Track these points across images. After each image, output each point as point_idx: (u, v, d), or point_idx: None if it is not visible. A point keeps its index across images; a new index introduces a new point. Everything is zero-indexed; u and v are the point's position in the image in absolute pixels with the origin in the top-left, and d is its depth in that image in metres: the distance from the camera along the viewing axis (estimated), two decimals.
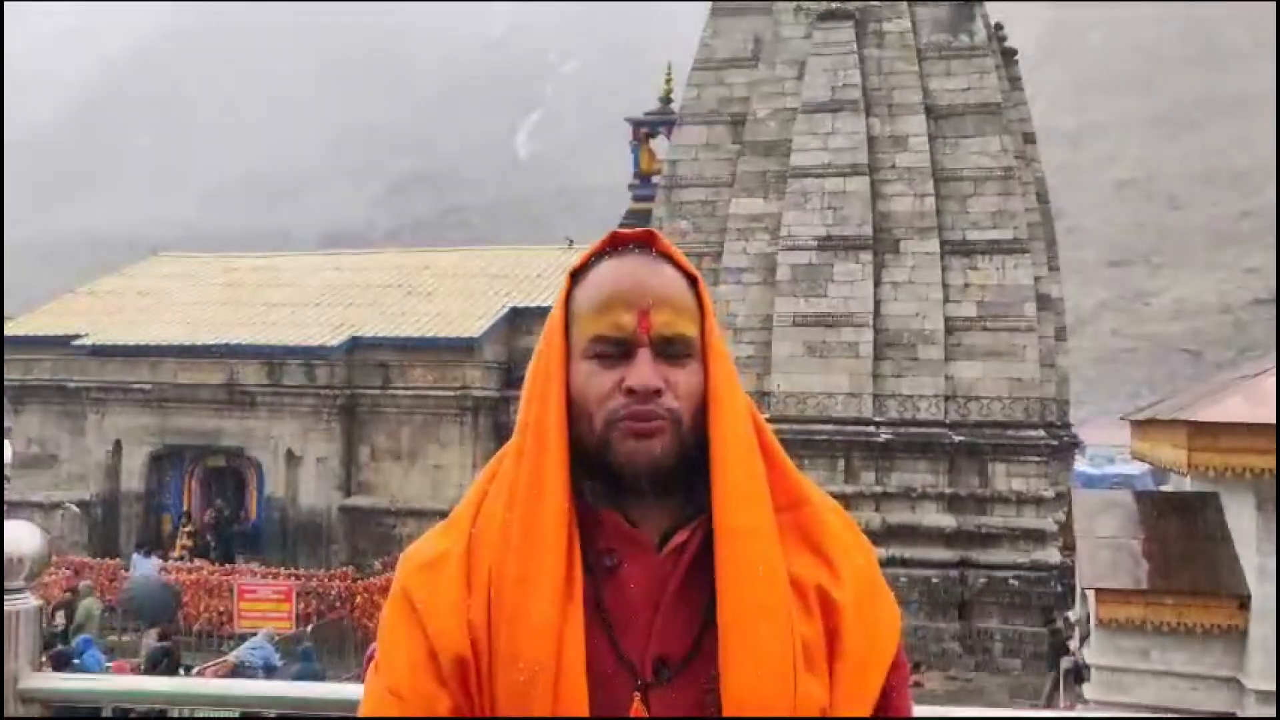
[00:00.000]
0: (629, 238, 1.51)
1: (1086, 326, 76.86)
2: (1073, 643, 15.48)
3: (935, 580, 20.90)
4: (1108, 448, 39.54)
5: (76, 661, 14.45)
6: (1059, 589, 20.49)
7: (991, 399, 21.79)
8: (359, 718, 1.43)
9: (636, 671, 1.37)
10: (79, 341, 27.55)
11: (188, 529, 26.23)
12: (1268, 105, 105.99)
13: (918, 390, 21.90)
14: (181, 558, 24.85)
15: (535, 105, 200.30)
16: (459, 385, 25.42)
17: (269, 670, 15.41)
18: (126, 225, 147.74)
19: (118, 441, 27.00)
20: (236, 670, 15.31)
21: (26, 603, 2.21)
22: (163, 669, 14.67)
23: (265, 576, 22.95)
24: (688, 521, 1.42)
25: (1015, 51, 26.53)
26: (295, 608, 21.39)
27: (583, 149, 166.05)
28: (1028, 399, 21.78)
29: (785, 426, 21.64)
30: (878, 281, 22.20)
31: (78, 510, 27.00)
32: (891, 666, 1.45)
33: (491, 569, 1.38)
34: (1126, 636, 11.49)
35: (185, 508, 27.05)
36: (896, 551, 20.96)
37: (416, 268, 30.46)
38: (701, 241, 23.23)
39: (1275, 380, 10.86)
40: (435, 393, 25.59)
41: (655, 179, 27.17)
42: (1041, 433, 21.89)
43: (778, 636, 1.35)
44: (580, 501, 1.41)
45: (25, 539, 2.21)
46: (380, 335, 26.33)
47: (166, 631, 17.33)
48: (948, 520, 21.34)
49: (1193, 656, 11.31)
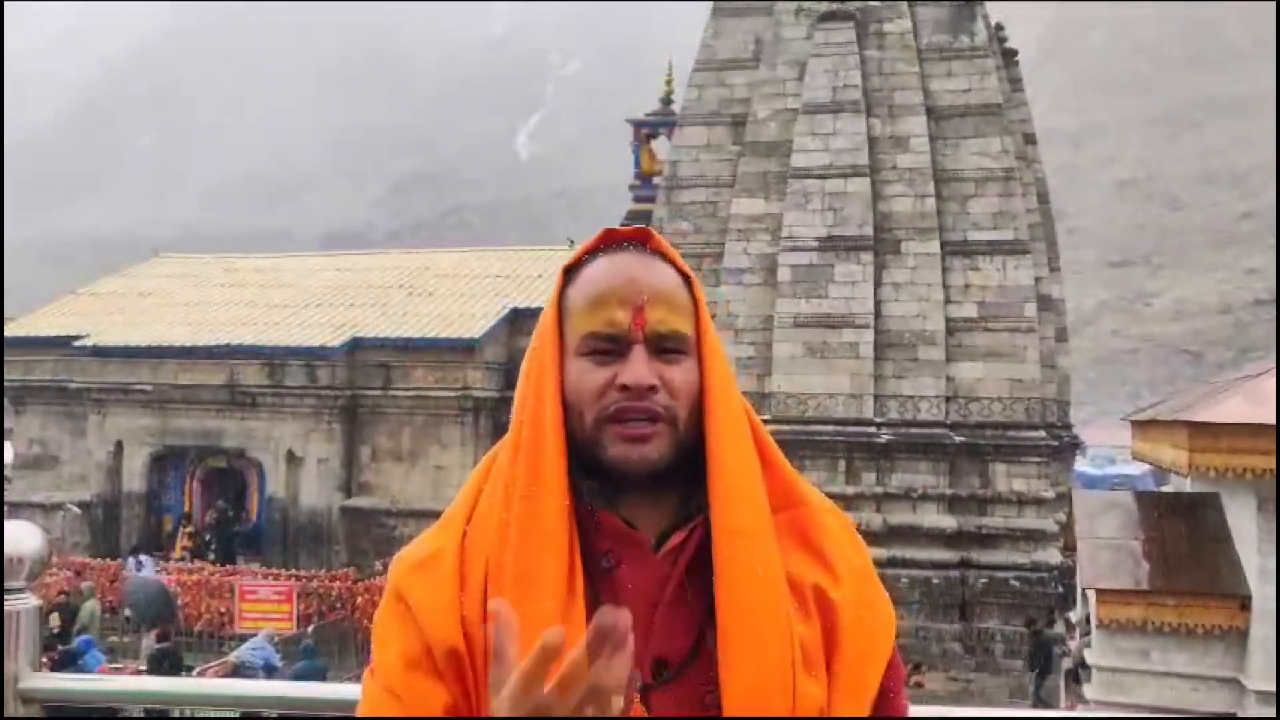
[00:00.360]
0: (623, 235, 1.50)
1: (1087, 327, 76.86)
2: (1073, 642, 15.45)
3: (936, 581, 20.89)
4: (1108, 448, 39.54)
5: (80, 662, 14.47)
6: (1060, 589, 20.49)
7: (992, 400, 21.79)
8: (357, 718, 1.41)
9: (636, 673, 1.35)
10: (80, 342, 27.56)
11: (188, 530, 26.25)
12: (1268, 106, 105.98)
13: (918, 391, 21.89)
14: (182, 558, 24.87)
15: (536, 106, 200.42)
16: (460, 386, 25.42)
17: (269, 670, 15.41)
18: (127, 226, 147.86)
19: (119, 442, 27.01)
20: (237, 670, 15.31)
21: (27, 603, 2.21)
22: (164, 670, 14.69)
23: (266, 577, 22.97)
24: (685, 522, 1.41)
25: (1016, 52, 26.54)
26: (296, 608, 21.40)
27: (583, 150, 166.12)
28: (1028, 400, 21.78)
29: (786, 427, 21.64)
30: (878, 282, 22.20)
31: (79, 511, 27.02)
32: (888, 666, 1.44)
33: (489, 567, 1.37)
34: (1127, 637, 11.48)
35: (186, 509, 27.06)
36: (897, 552, 20.95)
37: (417, 268, 30.47)
38: (702, 242, 23.24)
39: (1276, 381, 10.85)
40: (436, 393, 25.60)
41: (656, 180, 27.17)
42: (1042, 433, 21.88)
43: (777, 637, 1.34)
44: (576, 500, 1.40)
45: (25, 539, 2.21)
46: (381, 336, 26.33)
47: (166, 632, 17.35)
48: (948, 521, 21.33)
49: (1193, 657, 11.31)
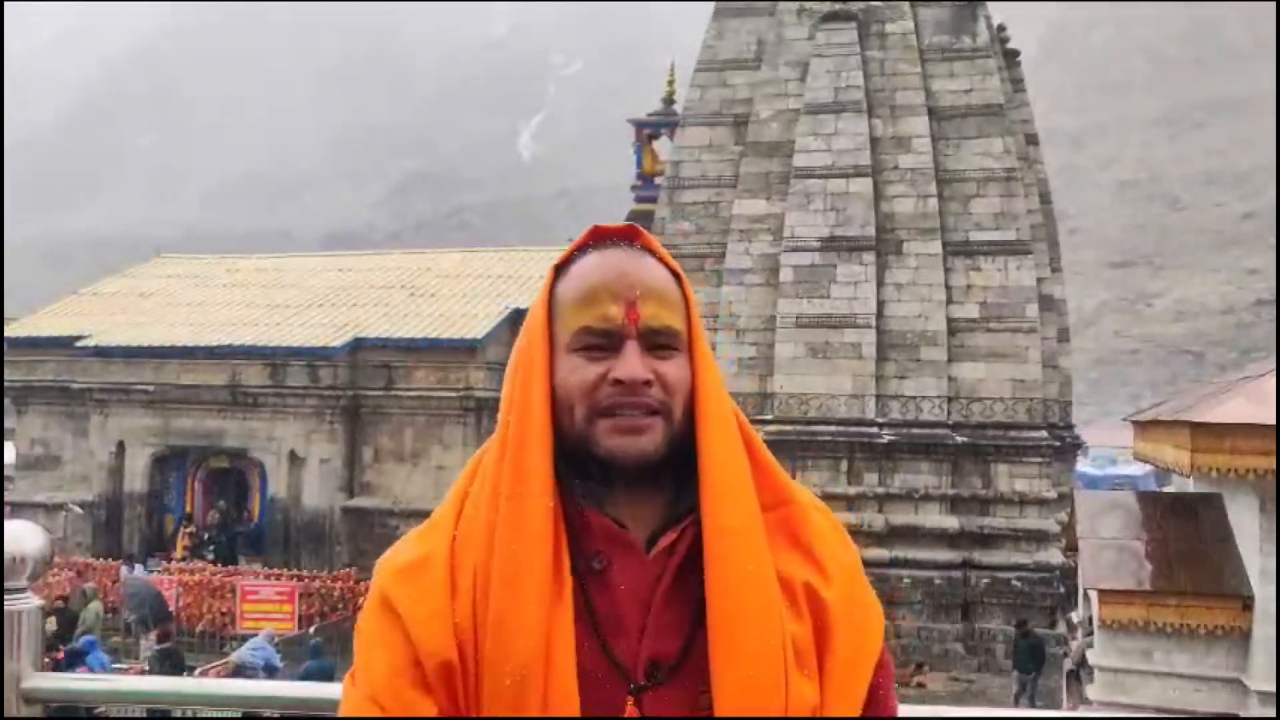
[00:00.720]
0: (612, 232, 1.49)
1: (1089, 328, 76.85)
2: (1075, 642, 15.44)
3: (938, 581, 20.89)
4: (1110, 449, 39.51)
5: (84, 663, 14.47)
6: (1061, 590, 20.48)
7: (994, 400, 21.78)
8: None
9: (629, 674, 1.34)
10: (82, 343, 27.56)
11: (188, 530, 26.26)
12: (1269, 106, 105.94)
13: (920, 391, 21.89)
14: (183, 559, 24.89)
15: (538, 106, 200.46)
16: (462, 386, 25.43)
17: (270, 671, 15.42)
18: (128, 226, 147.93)
19: (121, 442, 27.01)
20: (237, 671, 15.32)
21: (29, 603, 2.21)
22: (166, 670, 14.69)
23: (268, 578, 22.99)
24: (676, 521, 1.40)
25: (1017, 53, 26.54)
26: (298, 609, 21.43)
27: (585, 150, 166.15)
28: (1030, 400, 21.77)
29: (788, 428, 21.64)
30: (880, 282, 22.19)
31: (81, 511, 27.02)
32: (878, 665, 1.43)
33: (476, 570, 1.35)
34: (1129, 637, 11.47)
35: (188, 509, 27.07)
36: (899, 552, 20.95)
37: (419, 269, 30.46)
38: (704, 242, 23.24)
39: (1277, 381, 10.84)
40: (438, 394, 25.60)
41: (658, 180, 27.18)
42: (1044, 434, 21.88)
43: (768, 636, 1.34)
44: (565, 500, 1.38)
45: (27, 539, 2.21)
46: (383, 336, 26.32)
47: (168, 632, 17.34)
48: (950, 521, 21.32)
49: (1195, 657, 11.30)
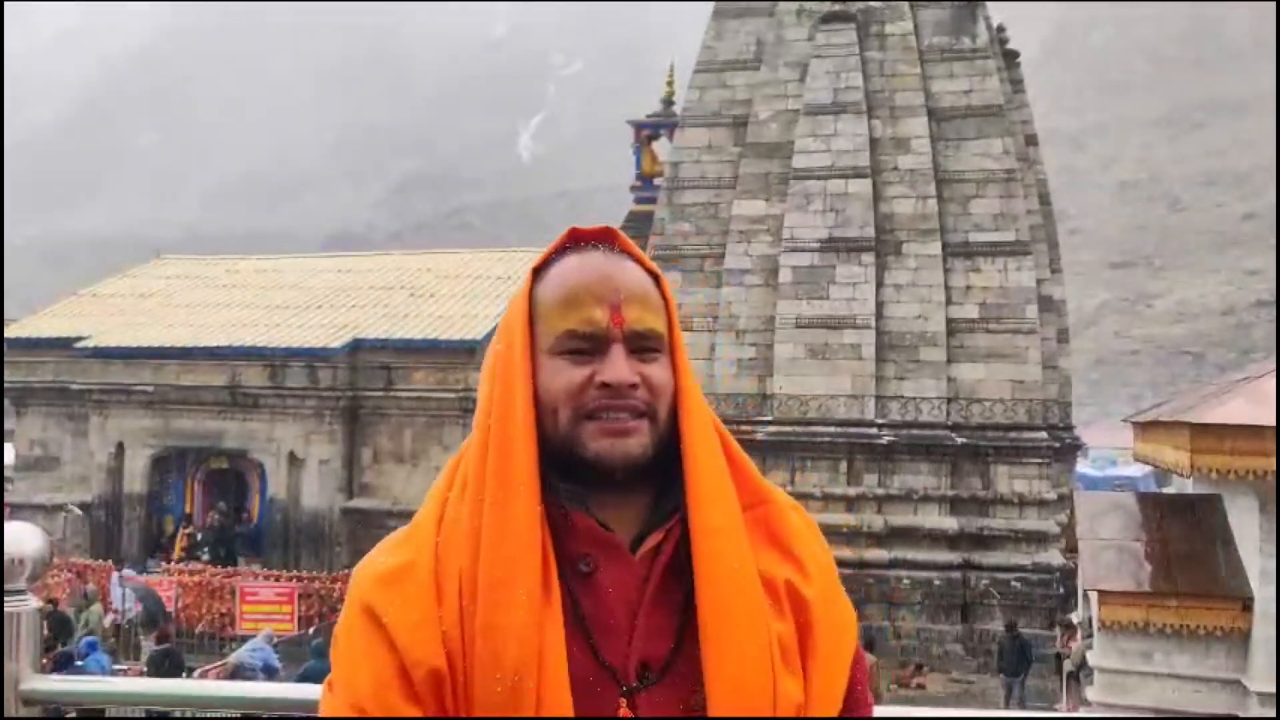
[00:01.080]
0: (589, 234, 1.49)
1: (1088, 328, 76.84)
2: (1074, 643, 15.43)
3: (937, 582, 20.88)
4: (1110, 450, 39.47)
5: (79, 664, 14.46)
6: (1061, 591, 20.47)
7: (994, 401, 21.78)
8: None
9: (620, 677, 1.34)
10: (81, 344, 27.55)
11: (187, 531, 26.25)
12: (1269, 107, 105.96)
13: (920, 392, 21.89)
14: (181, 560, 24.89)
15: (537, 107, 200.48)
16: (461, 387, 25.41)
17: (269, 672, 15.39)
18: (128, 226, 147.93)
19: (120, 444, 27.00)
20: (236, 672, 15.29)
21: (28, 604, 2.21)
22: (165, 671, 14.68)
23: (267, 579, 22.98)
24: (660, 523, 1.40)
25: (1017, 53, 26.55)
26: (297, 610, 21.42)
27: (585, 151, 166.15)
28: (1030, 401, 21.77)
29: (787, 429, 21.64)
30: (880, 283, 22.19)
31: (80, 513, 27.01)
32: (854, 662, 1.45)
33: (462, 576, 1.34)
34: (1129, 638, 11.46)
35: (187, 510, 27.05)
36: (899, 553, 20.95)
37: (419, 270, 30.45)
38: (703, 243, 23.25)
39: (1277, 382, 10.84)
40: (438, 395, 25.59)
41: (657, 181, 27.19)
42: (1044, 435, 21.88)
43: (757, 635, 1.35)
44: (549, 503, 1.38)
45: (27, 540, 2.21)
46: (383, 337, 26.31)
47: (166, 633, 17.34)
48: (950, 522, 21.32)
49: (1195, 658, 11.29)
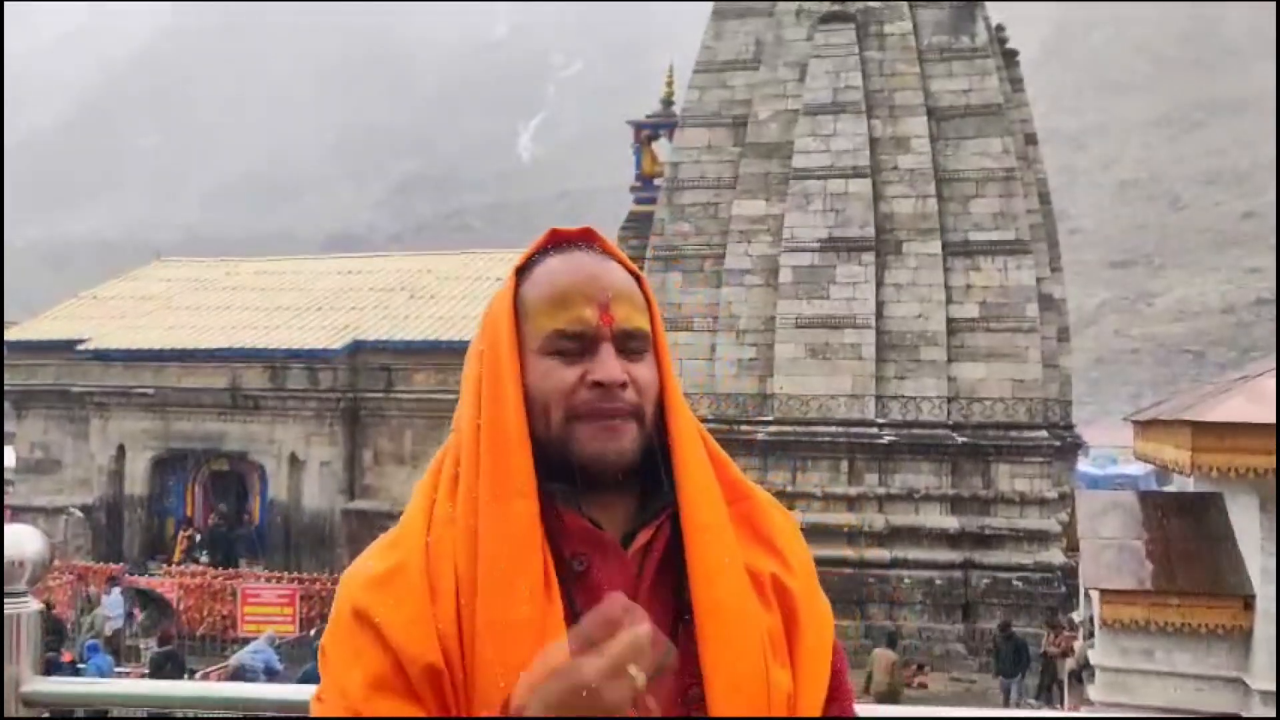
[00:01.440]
0: (571, 235, 1.50)
1: (1089, 327, 76.80)
2: (1077, 643, 15.42)
3: (939, 581, 20.88)
4: (1111, 448, 39.46)
5: (81, 666, 14.48)
6: (1062, 590, 20.46)
7: (994, 400, 21.78)
8: None
9: None
10: (82, 346, 27.57)
11: (187, 533, 26.27)
12: (1269, 106, 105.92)
13: (920, 392, 21.89)
14: (182, 562, 24.92)
15: (537, 107, 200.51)
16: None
17: (271, 673, 15.42)
18: (128, 228, 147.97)
19: (121, 446, 27.02)
20: (238, 674, 15.31)
21: (29, 607, 2.21)
22: (166, 673, 14.69)
23: (269, 580, 23.00)
24: (649, 520, 1.42)
25: (1016, 53, 26.53)
26: (299, 611, 21.43)
27: (585, 151, 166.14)
28: (1030, 400, 21.77)
29: (788, 428, 21.64)
30: (880, 283, 22.19)
31: (81, 515, 27.03)
32: (834, 650, 1.49)
33: (459, 575, 1.34)
34: (1130, 637, 11.45)
35: (188, 512, 27.07)
36: (900, 553, 20.95)
37: (419, 271, 30.45)
38: (703, 243, 23.25)
39: (1277, 380, 10.83)
40: (438, 396, 25.57)
41: (657, 181, 27.17)
42: (1044, 434, 21.87)
43: (750, 628, 1.37)
44: (542, 503, 1.38)
45: (27, 543, 2.21)
46: (383, 339, 26.33)
47: (168, 635, 17.35)
48: (951, 521, 21.32)
49: (1197, 657, 11.28)
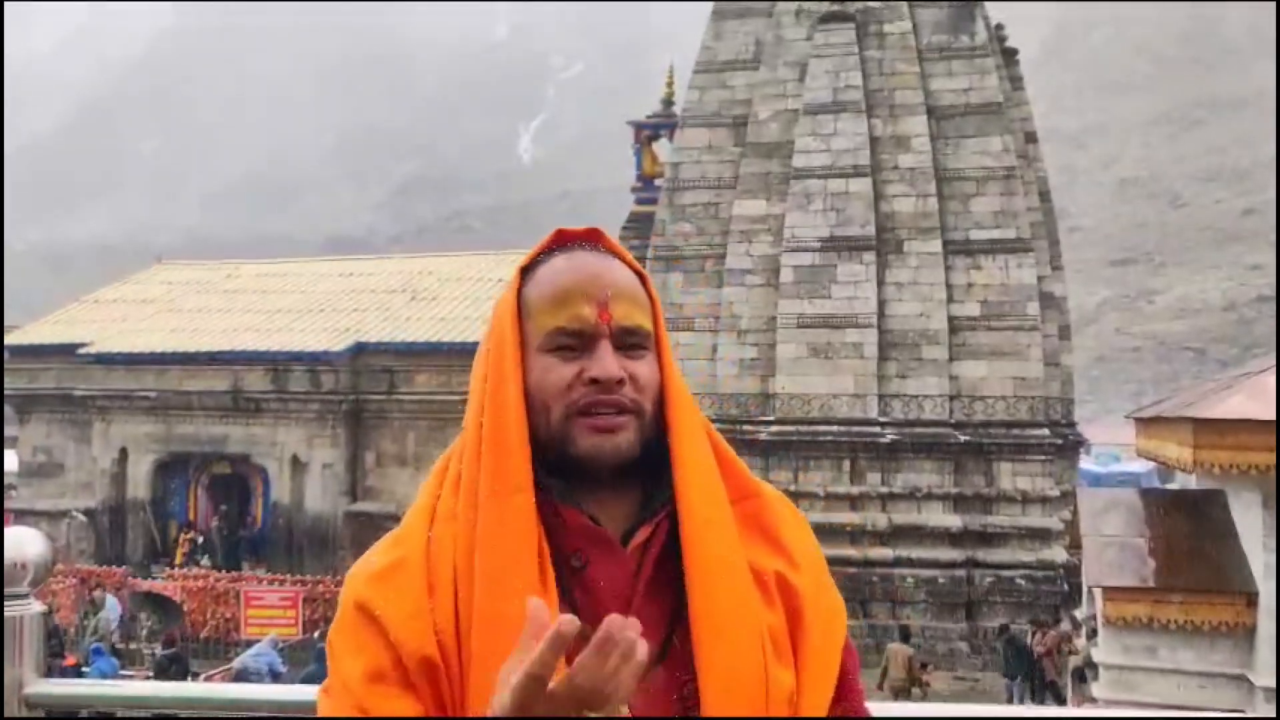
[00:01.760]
0: (576, 235, 1.52)
1: (1090, 325, 76.76)
2: (1080, 641, 15.42)
3: (942, 580, 20.88)
4: (1113, 446, 39.43)
5: (86, 669, 14.49)
6: (1065, 587, 20.47)
7: (996, 398, 21.78)
8: None
9: None
10: (84, 350, 27.57)
11: (188, 536, 26.28)
12: (1269, 103, 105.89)
13: (922, 390, 21.89)
14: (183, 565, 24.93)
15: (538, 109, 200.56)
16: (464, 390, 25.27)
17: (274, 676, 15.42)
18: (129, 231, 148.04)
19: (123, 449, 27.02)
20: (241, 676, 15.32)
21: (31, 609, 2.21)
22: (171, 675, 14.70)
23: (271, 583, 23.00)
24: (649, 517, 1.42)
25: (1016, 51, 26.54)
26: (301, 614, 21.44)
27: (585, 152, 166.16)
28: (1032, 398, 21.77)
29: (790, 428, 21.64)
30: (881, 282, 22.20)
31: (84, 519, 27.03)
32: (845, 649, 1.47)
33: (458, 570, 1.36)
34: (1134, 635, 11.46)
35: (190, 515, 27.07)
36: (903, 552, 20.95)
37: (420, 273, 30.45)
38: (704, 243, 23.25)
39: (1277, 377, 10.83)
40: (440, 397, 25.58)
41: (658, 181, 27.19)
42: (1046, 432, 21.88)
43: (748, 624, 1.37)
44: (542, 499, 1.40)
45: (30, 545, 2.21)
46: (385, 341, 26.32)
47: (173, 638, 17.37)
48: (953, 520, 21.32)
49: (1200, 654, 11.28)
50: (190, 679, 15.37)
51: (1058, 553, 20.72)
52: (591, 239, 1.51)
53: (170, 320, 28.86)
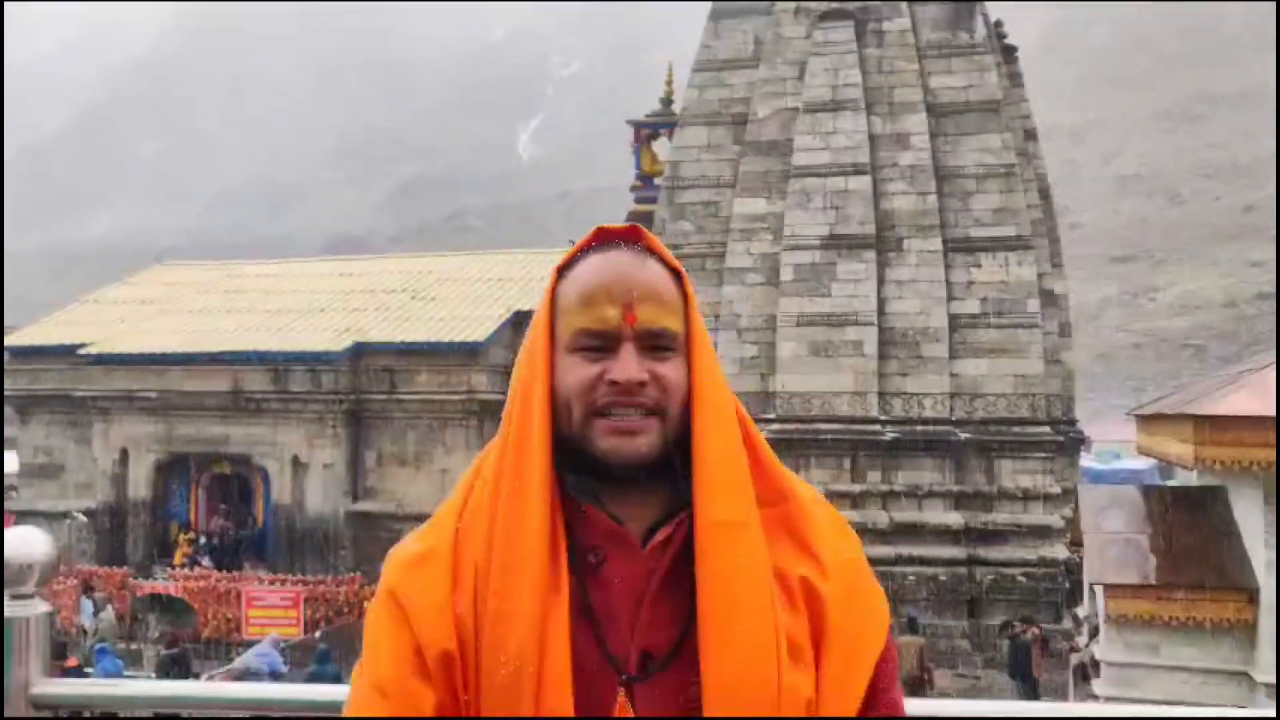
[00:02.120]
0: (615, 233, 1.53)
1: (1090, 322, 76.68)
2: (1081, 639, 15.42)
3: (943, 578, 20.88)
4: (1114, 443, 39.35)
5: (89, 670, 14.50)
6: (1067, 585, 20.46)
7: (996, 396, 21.78)
8: (346, 718, 1.43)
9: (621, 666, 1.37)
10: (84, 351, 27.57)
11: (188, 537, 26.29)
12: (1269, 99, 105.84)
13: (923, 388, 21.89)
14: (183, 565, 24.95)
15: (537, 109, 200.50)
16: (464, 390, 25.42)
17: (275, 676, 15.43)
18: (130, 233, 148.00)
19: (124, 450, 27.02)
20: (243, 677, 15.32)
21: (37, 608, 2.21)
22: (174, 676, 14.72)
23: (273, 583, 23.00)
24: (671, 516, 1.43)
25: (1015, 48, 26.53)
26: (303, 614, 21.45)
27: (585, 151, 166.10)
28: (1033, 395, 21.77)
29: (790, 426, 21.63)
30: (881, 280, 22.20)
31: (85, 519, 27.04)
32: (880, 660, 1.45)
33: (478, 564, 1.40)
34: (1136, 632, 11.46)
35: (191, 516, 27.08)
36: (904, 550, 20.95)
37: (420, 273, 30.46)
38: (704, 242, 23.25)
39: (1277, 374, 10.84)
40: (440, 397, 25.59)
41: (657, 180, 27.18)
42: (1047, 429, 21.87)
43: (759, 629, 1.36)
44: (565, 496, 1.42)
45: (35, 545, 2.21)
46: (385, 341, 26.32)
47: (177, 638, 17.38)
48: (954, 518, 21.32)
49: (1202, 651, 11.29)
50: (192, 679, 15.38)
51: (1059, 550, 20.72)
52: (631, 237, 1.52)
53: (171, 321, 28.86)
